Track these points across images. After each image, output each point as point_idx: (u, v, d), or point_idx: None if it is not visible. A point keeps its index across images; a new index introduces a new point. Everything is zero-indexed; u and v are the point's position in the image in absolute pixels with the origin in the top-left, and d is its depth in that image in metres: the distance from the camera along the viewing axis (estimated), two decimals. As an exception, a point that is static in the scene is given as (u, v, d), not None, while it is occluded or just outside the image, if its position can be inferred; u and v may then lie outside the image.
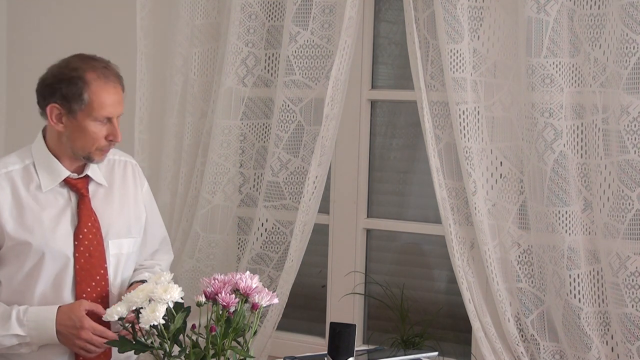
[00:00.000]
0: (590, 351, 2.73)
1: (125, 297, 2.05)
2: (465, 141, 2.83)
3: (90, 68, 2.38)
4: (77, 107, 2.36)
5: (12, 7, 3.96)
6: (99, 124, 2.38)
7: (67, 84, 2.37)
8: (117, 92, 2.40)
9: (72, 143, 2.41)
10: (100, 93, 2.36)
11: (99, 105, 2.36)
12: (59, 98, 2.38)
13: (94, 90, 2.35)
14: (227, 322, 1.91)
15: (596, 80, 2.69)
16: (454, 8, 2.80)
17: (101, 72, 2.38)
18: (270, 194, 3.17)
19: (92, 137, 2.38)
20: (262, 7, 3.19)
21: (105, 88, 2.37)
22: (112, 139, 2.40)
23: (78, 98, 2.35)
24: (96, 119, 2.37)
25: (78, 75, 2.37)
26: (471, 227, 2.89)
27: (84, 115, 2.36)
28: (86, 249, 2.43)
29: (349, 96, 3.13)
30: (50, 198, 2.43)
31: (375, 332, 3.32)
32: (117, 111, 2.40)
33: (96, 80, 2.36)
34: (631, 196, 2.63)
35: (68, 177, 2.45)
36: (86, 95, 2.35)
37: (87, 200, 2.46)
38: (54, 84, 2.40)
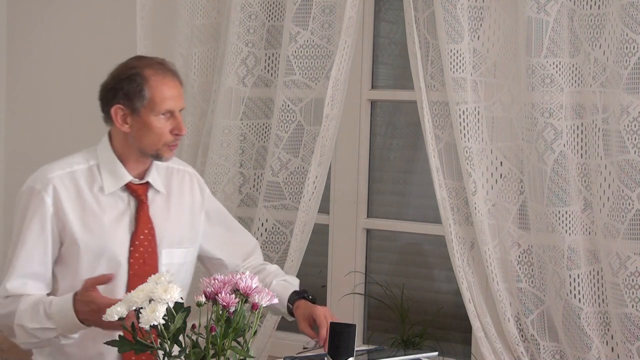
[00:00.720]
0: (590, 351, 2.73)
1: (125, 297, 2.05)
2: (465, 141, 2.83)
3: (147, 65, 2.42)
4: (139, 104, 2.38)
5: (12, 7, 3.96)
6: (162, 119, 2.40)
7: (127, 82, 2.40)
8: (176, 85, 2.43)
9: (139, 142, 2.42)
10: (160, 87, 2.39)
11: (160, 99, 2.38)
12: (121, 98, 2.40)
13: (153, 84, 2.38)
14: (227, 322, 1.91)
15: (596, 80, 2.69)
16: (454, 8, 2.80)
17: (158, 67, 2.42)
18: (270, 194, 3.17)
19: (158, 133, 2.40)
20: (262, 7, 3.19)
21: (164, 82, 2.40)
22: (177, 132, 2.41)
23: (139, 94, 2.38)
24: (159, 113, 2.39)
25: (136, 72, 2.40)
26: (471, 227, 2.89)
27: (147, 111, 2.38)
28: (141, 255, 2.44)
29: (349, 96, 3.13)
30: (110, 201, 2.44)
31: (375, 332, 3.32)
32: (179, 104, 2.42)
33: (154, 75, 2.39)
34: (631, 196, 2.63)
35: (130, 181, 2.46)
36: (146, 91, 2.38)
37: (145, 206, 2.46)
38: (115, 85, 2.42)
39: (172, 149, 2.45)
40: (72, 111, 3.83)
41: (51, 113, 3.90)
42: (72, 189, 2.42)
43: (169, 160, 2.49)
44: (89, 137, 3.88)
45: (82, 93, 3.78)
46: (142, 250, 2.44)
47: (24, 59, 3.97)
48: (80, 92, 3.79)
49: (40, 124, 3.94)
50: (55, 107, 3.89)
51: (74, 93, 3.82)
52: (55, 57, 3.88)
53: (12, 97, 4.01)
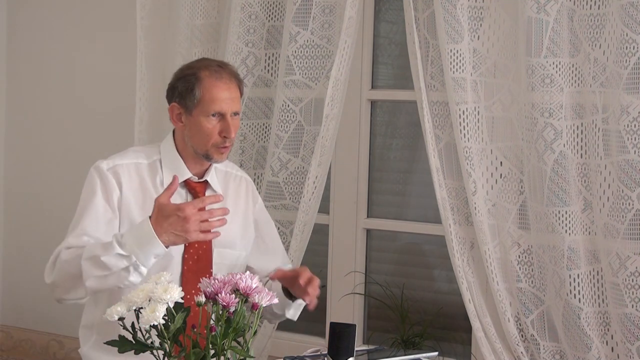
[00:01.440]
0: (590, 351, 2.73)
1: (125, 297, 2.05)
2: (465, 141, 2.83)
3: (205, 66, 2.46)
4: (191, 104, 2.42)
5: (12, 7, 3.96)
6: (212, 120, 2.42)
7: (183, 82, 2.45)
8: (229, 88, 2.44)
9: (191, 141, 2.46)
10: (211, 88, 2.42)
11: (210, 100, 2.41)
12: (177, 97, 2.46)
13: (205, 85, 2.42)
14: (227, 322, 1.91)
15: (596, 80, 2.69)
16: (454, 8, 2.80)
17: (214, 69, 2.45)
18: (270, 194, 3.17)
19: (207, 134, 2.42)
20: (262, 7, 3.19)
21: (216, 84, 2.42)
22: (226, 134, 2.43)
23: (191, 93, 2.42)
24: (208, 114, 2.41)
25: (192, 72, 2.45)
26: (471, 227, 2.89)
27: (198, 111, 2.42)
28: (195, 251, 2.45)
29: (349, 96, 3.13)
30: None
31: (375, 332, 3.32)
32: (230, 107, 2.43)
33: (208, 77, 2.43)
34: (631, 196, 2.63)
35: (189, 178, 2.49)
36: (198, 91, 2.42)
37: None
38: (174, 83, 2.49)
39: (222, 152, 2.46)
40: (72, 111, 3.83)
41: (51, 113, 3.90)
42: (136, 178, 2.46)
43: (219, 162, 2.51)
44: (89, 137, 3.90)
45: (82, 93, 3.80)
46: (196, 246, 2.46)
47: (24, 59, 3.97)
48: (80, 92, 3.80)
49: (40, 124, 3.94)
50: (55, 106, 3.89)
51: (74, 93, 3.82)
52: (55, 57, 3.88)
53: (12, 97, 4.01)
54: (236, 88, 2.48)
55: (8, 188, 3.96)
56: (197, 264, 2.46)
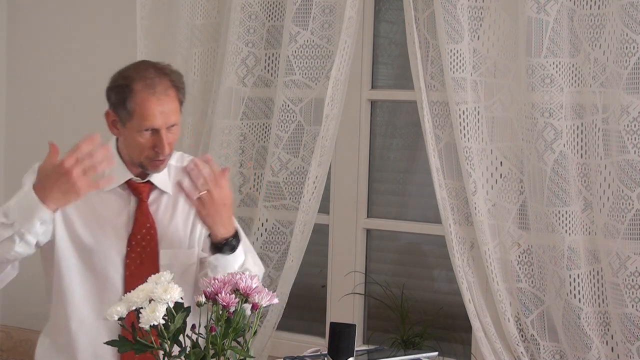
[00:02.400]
0: (590, 351, 2.73)
1: (124, 297, 2.05)
2: (465, 141, 2.83)
3: (140, 78, 2.33)
4: (122, 116, 2.33)
5: (12, 7, 3.96)
6: (145, 134, 2.32)
7: (115, 92, 2.35)
8: (163, 103, 2.31)
9: (126, 150, 2.38)
10: (144, 104, 2.30)
11: (141, 116, 2.30)
12: (111, 105, 2.37)
13: (138, 101, 2.30)
14: (227, 322, 1.91)
15: (596, 80, 2.69)
16: (454, 8, 2.80)
17: (150, 82, 2.32)
18: (270, 194, 3.17)
19: (139, 147, 2.33)
20: (262, 7, 3.19)
21: (149, 99, 2.30)
22: (159, 150, 2.32)
23: (123, 106, 2.32)
24: (140, 129, 2.31)
25: (126, 84, 2.33)
26: (471, 227, 2.89)
27: (131, 124, 2.32)
28: (138, 255, 2.39)
29: (349, 96, 3.13)
30: (110, 198, 2.40)
31: (375, 332, 3.32)
32: (164, 122, 2.32)
33: (141, 91, 2.30)
34: (631, 196, 2.63)
35: (131, 179, 2.40)
36: (130, 104, 2.31)
37: (144, 205, 2.40)
38: (108, 90, 2.38)
39: (156, 165, 2.37)
40: (72, 111, 3.83)
41: (51, 113, 3.90)
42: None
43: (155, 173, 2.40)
44: (89, 137, 3.87)
45: (82, 92, 3.80)
46: (139, 250, 2.39)
47: (24, 59, 3.97)
48: (80, 92, 3.80)
49: (40, 124, 3.94)
50: (55, 106, 3.89)
51: (74, 93, 3.82)
52: (55, 57, 3.88)
53: (12, 96, 4.01)
54: (173, 99, 2.34)
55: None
56: (141, 267, 2.38)
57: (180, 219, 2.47)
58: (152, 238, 2.42)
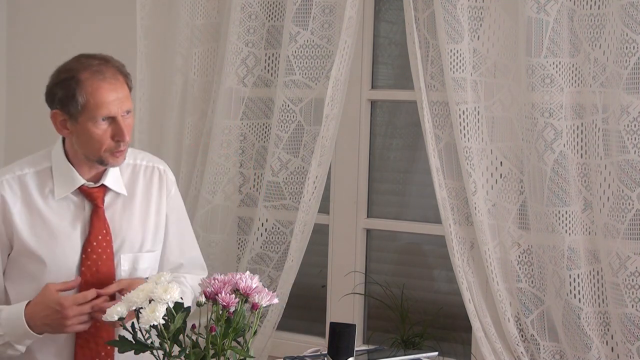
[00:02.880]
0: (590, 351, 2.73)
1: (124, 297, 2.05)
2: (465, 141, 2.83)
3: (84, 67, 2.25)
4: (75, 110, 2.24)
5: (12, 7, 3.96)
6: (102, 124, 2.24)
7: (61, 87, 2.27)
8: (116, 88, 2.24)
9: (81, 148, 2.29)
10: (95, 92, 2.22)
11: (95, 105, 2.22)
12: (58, 103, 2.28)
13: (88, 90, 2.22)
14: (227, 322, 1.91)
15: (596, 80, 2.69)
16: (454, 8, 2.80)
17: (96, 69, 2.25)
18: (270, 194, 3.17)
19: (98, 140, 2.25)
20: (262, 7, 3.19)
21: (100, 85, 2.22)
22: (119, 138, 2.25)
23: (72, 100, 2.23)
24: (96, 119, 2.23)
25: (71, 76, 2.25)
26: (471, 227, 2.89)
27: (84, 118, 2.23)
28: (94, 263, 2.32)
29: (349, 96, 3.13)
30: (62, 206, 2.33)
31: (375, 332, 3.32)
32: (119, 108, 2.25)
33: (89, 79, 2.23)
34: (631, 196, 2.63)
35: (83, 185, 2.33)
36: (81, 97, 2.23)
37: (100, 211, 2.34)
38: (51, 89, 2.30)
39: (117, 156, 2.28)
40: (72, 111, 3.82)
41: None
42: (20, 193, 2.31)
43: (116, 166, 2.33)
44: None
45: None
46: (95, 257, 2.32)
47: (24, 59, 3.96)
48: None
49: (40, 124, 3.93)
50: (55, 107, 3.89)
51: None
52: (55, 57, 3.86)
53: (12, 96, 4.01)
54: (123, 84, 2.27)
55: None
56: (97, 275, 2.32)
57: (138, 221, 2.40)
58: (107, 244, 2.35)
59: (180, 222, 2.54)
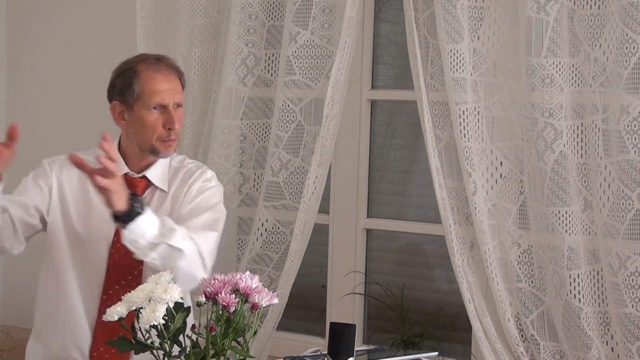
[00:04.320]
0: (590, 351, 2.73)
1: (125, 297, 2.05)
2: (465, 141, 2.83)
3: (142, 61, 2.47)
4: (131, 99, 2.42)
5: (12, 7, 3.96)
6: (155, 113, 2.42)
7: (121, 78, 2.45)
8: (169, 80, 2.45)
9: (136, 138, 2.46)
10: (150, 81, 2.42)
11: (150, 93, 2.41)
12: (117, 94, 2.46)
13: (143, 79, 2.42)
14: (227, 322, 1.91)
15: (596, 80, 2.69)
16: (454, 8, 2.80)
17: (152, 62, 2.45)
18: (270, 194, 3.17)
19: (151, 127, 2.42)
20: (262, 7, 3.19)
21: (154, 76, 2.43)
22: (170, 126, 2.43)
23: (130, 89, 2.42)
24: (150, 107, 2.42)
25: (129, 67, 2.45)
26: (471, 227, 2.89)
27: (139, 106, 2.42)
28: (123, 246, 2.38)
29: (349, 96, 3.13)
30: None
31: (375, 332, 3.32)
32: (171, 99, 2.43)
33: (146, 70, 2.43)
34: (631, 196, 2.63)
35: (127, 174, 2.47)
36: (137, 85, 2.42)
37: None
38: (113, 82, 2.48)
39: (168, 145, 2.46)
40: (72, 111, 3.83)
41: (51, 113, 3.90)
42: (76, 173, 2.45)
43: (167, 156, 2.50)
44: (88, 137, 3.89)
45: (82, 93, 3.80)
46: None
47: (24, 59, 3.97)
48: (80, 92, 3.80)
49: (40, 124, 3.94)
50: (55, 107, 3.89)
51: (74, 93, 3.82)
52: (55, 57, 3.88)
53: (12, 97, 4.01)
54: (176, 79, 2.48)
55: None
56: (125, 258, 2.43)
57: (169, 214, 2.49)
58: None
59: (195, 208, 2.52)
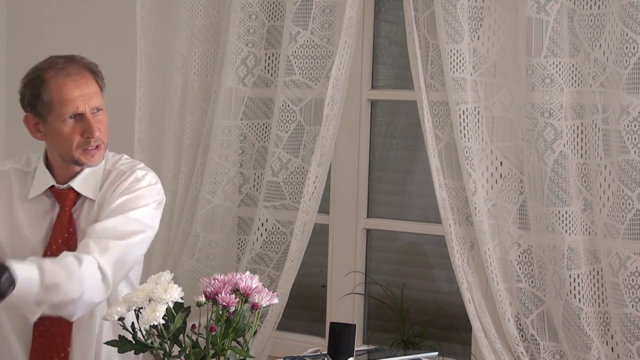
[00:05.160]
0: (590, 351, 2.73)
1: (125, 297, 2.05)
2: (465, 141, 2.83)
3: (49, 66, 2.26)
4: (42, 110, 2.24)
5: (12, 7, 3.96)
6: (70, 122, 2.25)
7: (29, 89, 2.28)
8: (81, 85, 2.25)
9: (56, 150, 2.30)
10: (60, 89, 2.23)
11: (60, 102, 2.23)
12: (28, 106, 2.29)
13: (52, 87, 2.23)
14: (227, 322, 1.91)
15: (596, 80, 2.69)
16: (454, 8, 2.80)
17: (61, 67, 2.25)
18: (270, 194, 3.17)
19: (67, 138, 2.25)
20: (262, 7, 3.19)
21: (64, 82, 2.23)
22: (89, 135, 2.25)
23: (39, 99, 2.24)
24: (63, 116, 2.23)
25: (37, 76, 2.26)
26: (471, 227, 2.89)
27: (53, 117, 2.24)
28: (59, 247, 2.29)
29: (349, 96, 3.13)
30: (33, 205, 2.35)
31: (375, 332, 3.32)
32: (86, 105, 2.25)
33: (54, 77, 2.24)
34: (631, 196, 2.63)
35: (53, 187, 2.34)
36: (46, 95, 2.24)
37: (65, 214, 2.34)
38: (21, 91, 2.32)
39: (90, 154, 2.28)
40: (72, 111, 3.83)
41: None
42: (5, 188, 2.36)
43: (93, 165, 2.32)
44: (89, 137, 3.88)
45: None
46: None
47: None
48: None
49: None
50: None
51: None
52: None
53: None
54: (91, 82, 2.28)
55: None
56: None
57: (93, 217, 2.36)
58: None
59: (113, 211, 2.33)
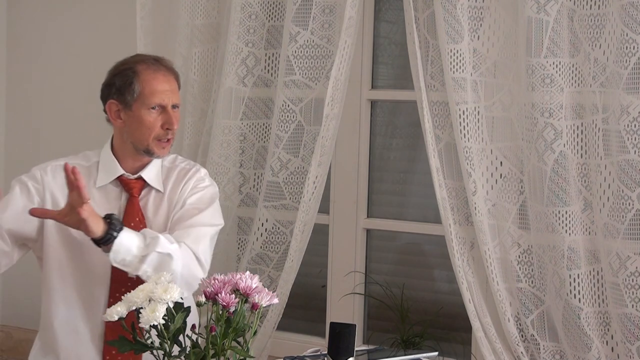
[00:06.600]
0: (590, 351, 2.73)
1: (125, 297, 2.05)
2: (465, 141, 2.83)
3: (141, 61, 2.48)
4: (130, 98, 2.43)
5: (12, 7, 3.96)
6: (153, 113, 2.43)
7: (120, 77, 2.45)
8: (168, 80, 2.46)
9: (132, 137, 2.46)
10: (150, 81, 2.43)
11: (150, 93, 2.42)
12: (114, 93, 2.46)
13: (143, 78, 2.43)
14: (227, 322, 1.91)
15: (596, 80, 2.69)
16: (454, 8, 2.80)
17: (151, 63, 2.47)
18: (270, 194, 3.17)
19: (148, 127, 2.43)
20: (262, 7, 3.19)
21: (155, 76, 2.44)
22: (168, 126, 2.44)
23: (129, 88, 2.43)
24: (149, 106, 2.42)
25: (129, 67, 2.46)
26: (471, 227, 2.89)
27: (138, 105, 2.43)
28: None
29: (349, 96, 3.13)
30: (102, 194, 2.47)
31: (375, 332, 3.32)
32: (170, 99, 2.45)
33: (146, 70, 2.44)
34: (631, 196, 2.63)
35: (122, 176, 2.48)
36: (137, 85, 2.43)
37: (135, 200, 2.48)
38: (109, 80, 2.48)
39: (163, 146, 2.47)
40: (72, 111, 3.83)
41: (51, 113, 3.90)
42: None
43: (161, 156, 2.50)
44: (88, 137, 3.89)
45: (81, 93, 3.80)
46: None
47: (24, 59, 3.97)
48: (80, 93, 3.80)
49: (40, 125, 3.94)
50: (55, 107, 3.89)
51: (74, 93, 3.82)
52: (55, 57, 3.88)
53: (12, 97, 4.01)
54: (174, 81, 2.49)
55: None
56: None
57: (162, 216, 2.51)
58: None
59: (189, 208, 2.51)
